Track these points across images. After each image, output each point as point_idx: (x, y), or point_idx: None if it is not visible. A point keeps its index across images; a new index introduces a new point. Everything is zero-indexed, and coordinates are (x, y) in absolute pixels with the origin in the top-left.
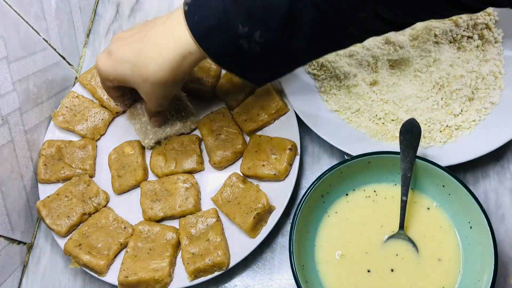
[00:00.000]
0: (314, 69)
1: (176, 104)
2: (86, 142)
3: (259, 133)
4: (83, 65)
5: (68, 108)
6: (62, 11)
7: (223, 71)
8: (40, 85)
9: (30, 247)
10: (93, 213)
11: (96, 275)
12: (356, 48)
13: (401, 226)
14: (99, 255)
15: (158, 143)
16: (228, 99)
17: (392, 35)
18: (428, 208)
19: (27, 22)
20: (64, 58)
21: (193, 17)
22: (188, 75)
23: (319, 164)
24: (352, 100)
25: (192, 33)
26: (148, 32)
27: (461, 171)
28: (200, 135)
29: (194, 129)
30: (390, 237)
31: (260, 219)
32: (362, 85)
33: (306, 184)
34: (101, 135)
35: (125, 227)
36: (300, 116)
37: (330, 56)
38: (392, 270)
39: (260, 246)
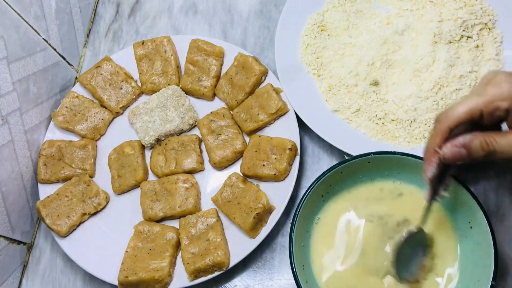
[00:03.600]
0: (314, 69)
1: (175, 100)
2: (86, 142)
3: (259, 133)
4: (83, 65)
5: (68, 108)
6: (62, 11)
7: (223, 71)
8: (40, 85)
9: (30, 247)
10: (93, 213)
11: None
12: (356, 48)
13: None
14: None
15: (158, 141)
16: (228, 99)
17: (391, 35)
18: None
19: (27, 22)
20: (64, 58)
21: None
22: None
23: (319, 164)
24: (352, 100)
25: None
26: None
27: (461, 171)
28: (200, 135)
29: (193, 126)
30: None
31: (260, 219)
32: (362, 85)
33: (306, 184)
34: (101, 135)
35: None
36: (300, 116)
37: (330, 56)
38: None
39: (260, 246)
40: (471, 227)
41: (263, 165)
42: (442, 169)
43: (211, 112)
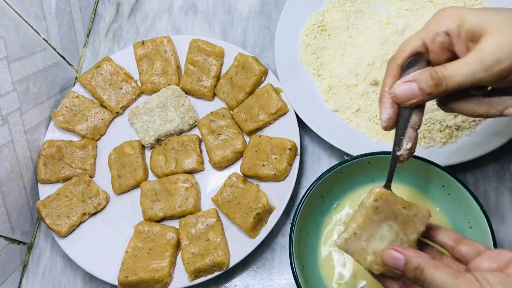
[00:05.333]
0: (314, 69)
1: (175, 100)
2: (86, 142)
3: (259, 133)
4: (83, 65)
5: (68, 108)
6: (62, 11)
7: (223, 71)
8: (40, 85)
9: (30, 247)
10: (93, 213)
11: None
12: (356, 48)
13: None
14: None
15: (158, 141)
16: (228, 99)
17: (391, 35)
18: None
19: (27, 22)
20: (64, 58)
21: None
22: None
23: (319, 164)
24: (352, 100)
25: None
26: None
27: (461, 171)
28: (200, 135)
29: (193, 126)
30: None
31: (260, 219)
32: (362, 85)
33: (306, 184)
34: (101, 135)
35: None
36: (300, 116)
37: (330, 56)
38: None
39: (260, 246)
40: (471, 227)
41: (263, 165)
42: (401, 116)
43: (211, 112)
